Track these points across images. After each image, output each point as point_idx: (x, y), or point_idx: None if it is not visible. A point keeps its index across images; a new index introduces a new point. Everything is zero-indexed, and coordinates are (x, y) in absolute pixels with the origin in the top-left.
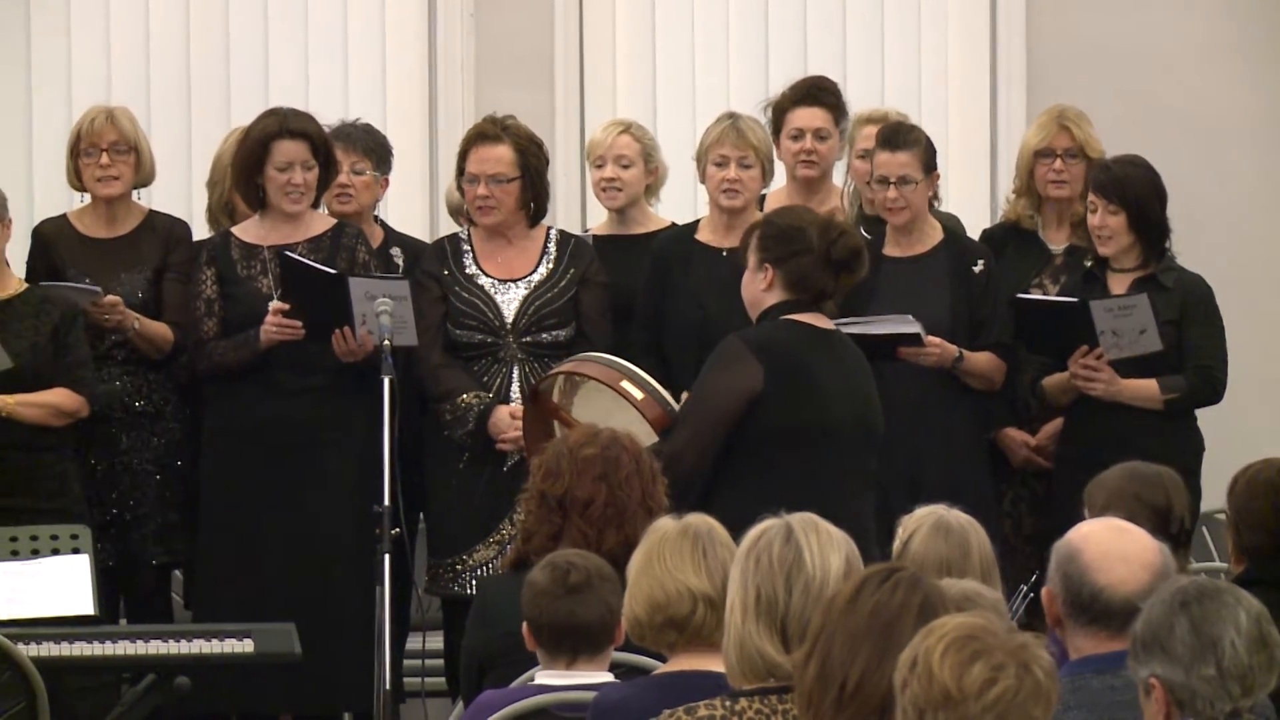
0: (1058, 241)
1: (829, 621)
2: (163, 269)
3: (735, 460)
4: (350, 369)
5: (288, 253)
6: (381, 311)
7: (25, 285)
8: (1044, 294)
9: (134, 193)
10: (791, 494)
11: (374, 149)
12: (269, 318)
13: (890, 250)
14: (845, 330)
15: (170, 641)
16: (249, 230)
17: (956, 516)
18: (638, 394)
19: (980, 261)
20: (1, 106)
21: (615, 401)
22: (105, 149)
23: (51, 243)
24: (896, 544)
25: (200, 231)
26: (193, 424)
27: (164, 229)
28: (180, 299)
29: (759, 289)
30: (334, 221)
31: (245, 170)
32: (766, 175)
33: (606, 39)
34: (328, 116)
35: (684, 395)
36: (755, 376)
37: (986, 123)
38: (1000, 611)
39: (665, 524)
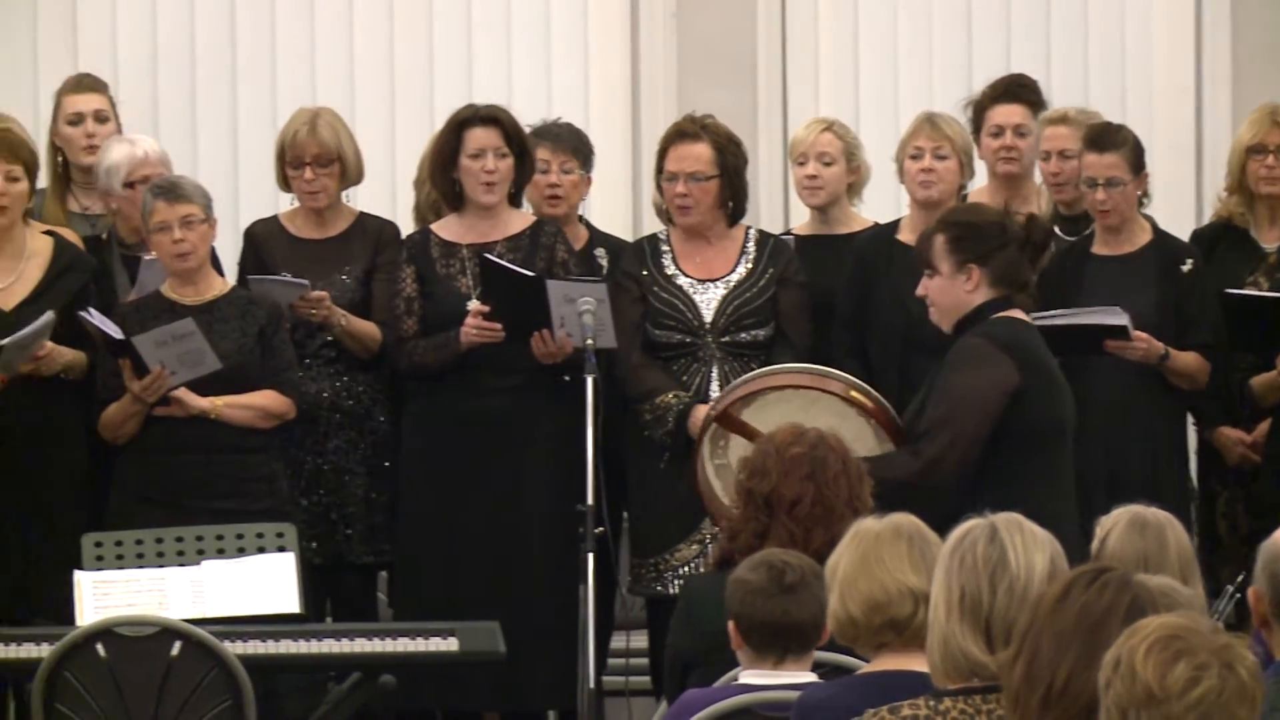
0: (1270, 239)
1: (1037, 621)
2: (372, 269)
3: (986, 461)
4: (549, 368)
5: (487, 254)
6: (584, 311)
7: (231, 286)
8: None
9: (343, 195)
10: (1039, 491)
11: (579, 148)
12: (469, 320)
13: (1099, 249)
14: (1053, 322)
15: (375, 640)
16: (448, 228)
17: (1154, 513)
18: (868, 402)
19: (1189, 261)
20: (210, 106)
21: (804, 409)
22: (309, 163)
23: (262, 244)
24: (1094, 543)
25: (407, 232)
26: (399, 424)
27: (374, 230)
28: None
29: (963, 291)
30: (533, 219)
31: (440, 162)
32: (965, 171)
33: (809, 38)
34: (530, 117)
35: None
36: (1011, 373)
37: (1191, 121)
38: (1198, 609)
39: (871, 524)
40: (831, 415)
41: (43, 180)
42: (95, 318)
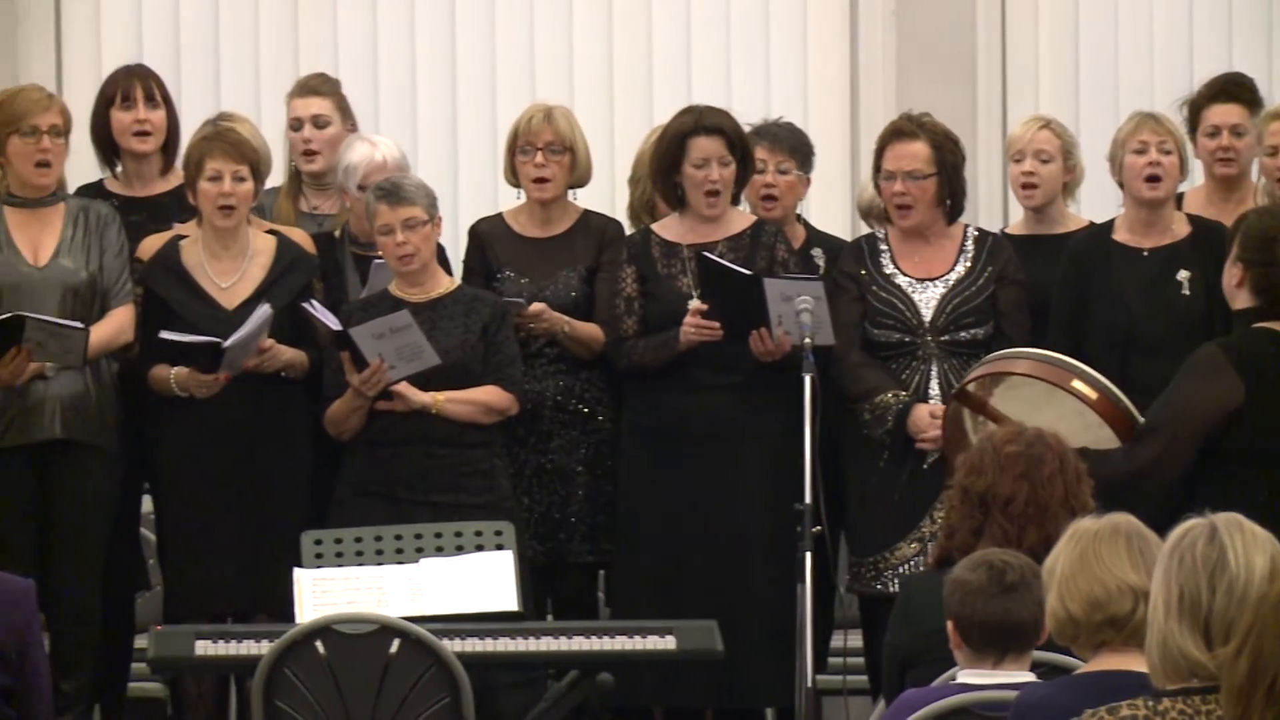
0: None
1: (1259, 619)
2: (596, 267)
3: (1198, 475)
4: (767, 367)
5: (705, 253)
6: (802, 310)
7: (456, 284)
8: None
9: (569, 193)
10: (1255, 509)
11: (798, 148)
12: (688, 319)
13: None
14: None
15: (594, 638)
16: (669, 228)
17: None
18: (1091, 394)
19: None
20: (430, 103)
21: (1047, 396)
22: (541, 148)
23: (487, 242)
24: None
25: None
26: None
27: (598, 228)
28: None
29: (1232, 283)
30: (753, 219)
31: (663, 168)
32: (1183, 169)
33: (1029, 34)
34: (750, 116)
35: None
36: (1235, 391)
37: None
38: None
39: (1089, 523)
40: (1075, 405)
41: (277, 179)
42: (317, 309)
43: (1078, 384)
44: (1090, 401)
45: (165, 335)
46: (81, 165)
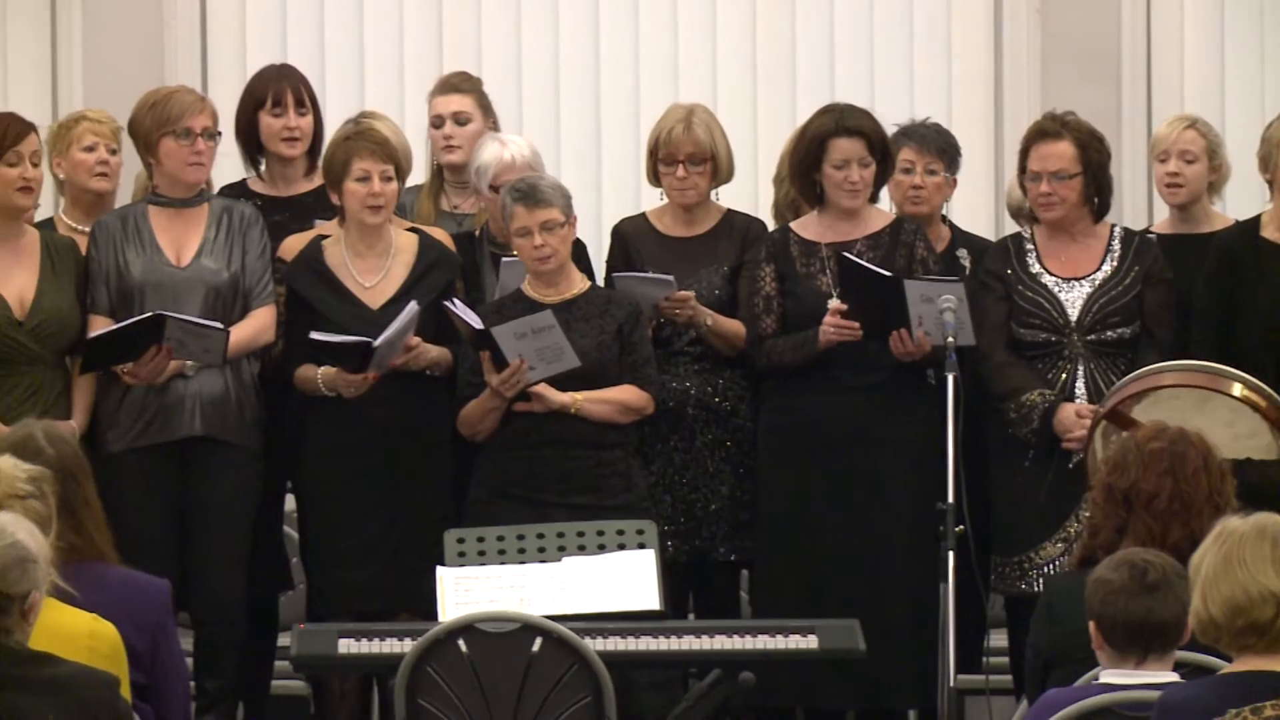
0: None
1: None
2: (738, 267)
3: None
4: (908, 367)
5: (845, 253)
6: (945, 310)
7: (590, 284)
8: None
9: (711, 193)
10: None
11: (945, 149)
12: (828, 318)
13: None
14: None
15: (735, 637)
16: (808, 227)
17: None
18: (1256, 398)
19: None
20: (573, 101)
21: (1196, 408)
22: (682, 161)
23: (631, 241)
24: None
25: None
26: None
27: (741, 227)
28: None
29: None
30: (892, 217)
31: (802, 168)
32: None
33: (1174, 32)
34: (893, 115)
35: None
36: None
37: None
38: None
39: (1236, 524)
40: (1224, 415)
41: (419, 177)
42: (459, 308)
43: (1238, 388)
44: (1252, 404)
45: (315, 336)
46: (224, 165)
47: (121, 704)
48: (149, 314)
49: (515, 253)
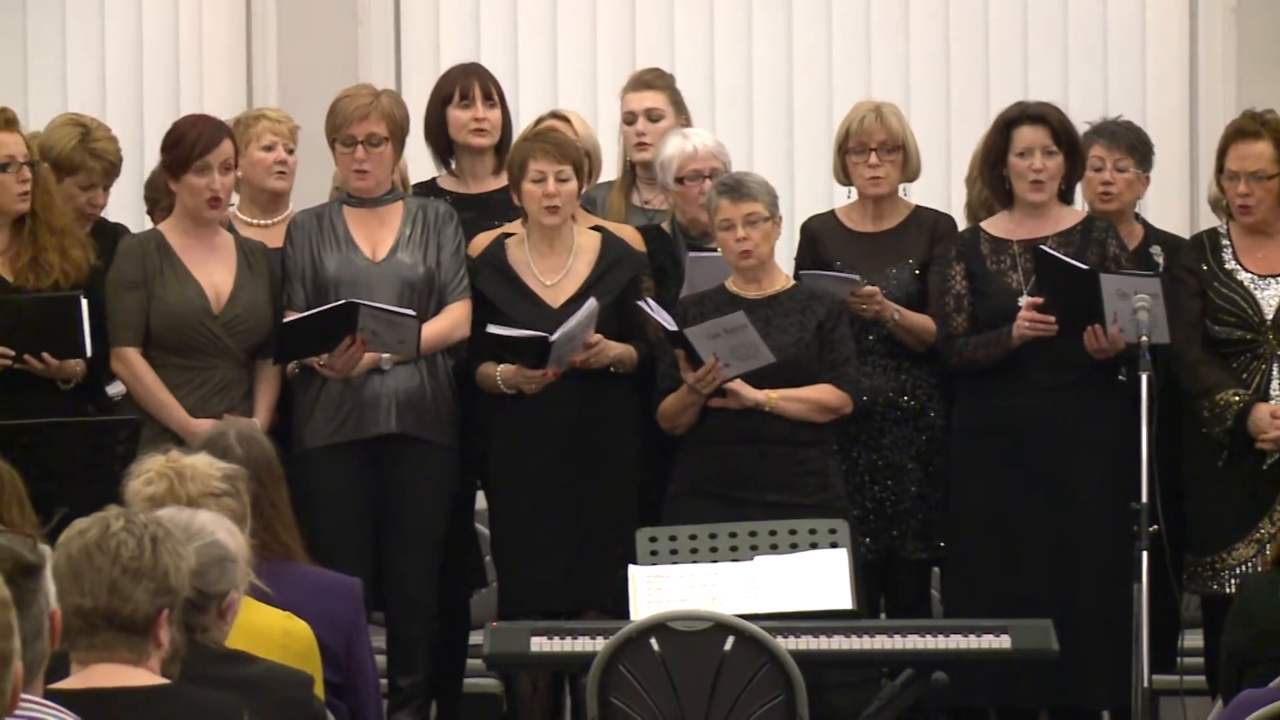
0: None
1: None
2: (928, 262)
3: None
4: (1102, 364)
5: (1043, 247)
6: (1139, 307)
7: (793, 282)
8: None
9: (900, 189)
10: None
11: (1137, 146)
12: (1022, 314)
13: None
14: None
15: (928, 637)
16: (998, 224)
17: None
18: None
19: None
20: (766, 100)
21: None
22: (874, 148)
23: (819, 238)
24: None
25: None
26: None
27: (929, 222)
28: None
29: None
30: (1083, 215)
31: (989, 160)
32: None
33: None
34: (1089, 114)
35: None
36: None
37: None
38: None
39: None
40: None
41: (611, 173)
42: (652, 309)
43: None
44: None
45: (492, 329)
46: (417, 162)
47: (316, 702)
48: (341, 301)
49: (705, 248)
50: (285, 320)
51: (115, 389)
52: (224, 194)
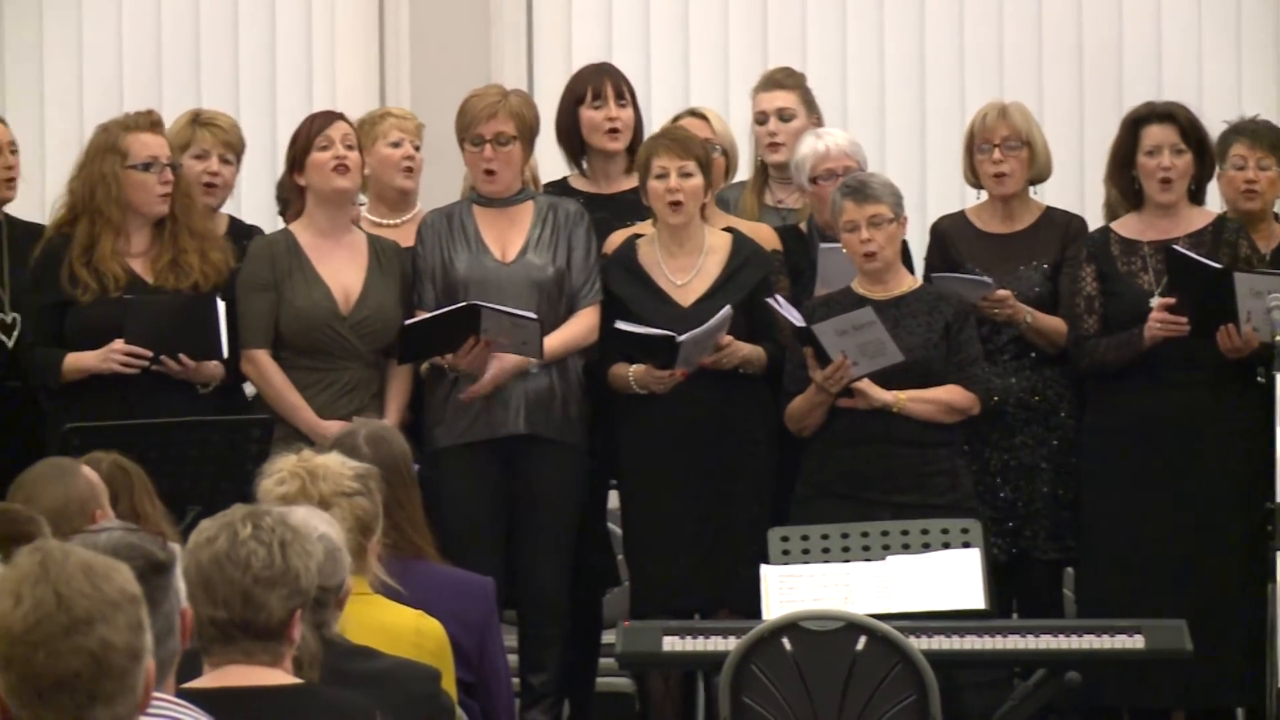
0: None
1: None
2: (1059, 263)
3: None
4: (1235, 364)
5: (1175, 246)
6: (1274, 307)
7: (920, 282)
8: None
9: (1030, 189)
10: None
11: (1278, 144)
12: (1154, 315)
13: None
14: None
15: (1061, 637)
16: (1128, 225)
17: None
18: None
19: None
20: (897, 103)
21: None
22: (998, 144)
23: (949, 239)
24: None
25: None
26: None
27: (1060, 223)
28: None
29: None
30: (1214, 215)
31: (1117, 160)
32: None
33: None
34: (1222, 114)
35: None
36: None
37: None
38: None
39: None
40: None
41: (744, 173)
42: (781, 306)
43: None
44: None
45: (620, 325)
46: (549, 162)
47: (444, 697)
48: (463, 303)
49: (838, 243)
50: (406, 323)
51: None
52: (352, 166)
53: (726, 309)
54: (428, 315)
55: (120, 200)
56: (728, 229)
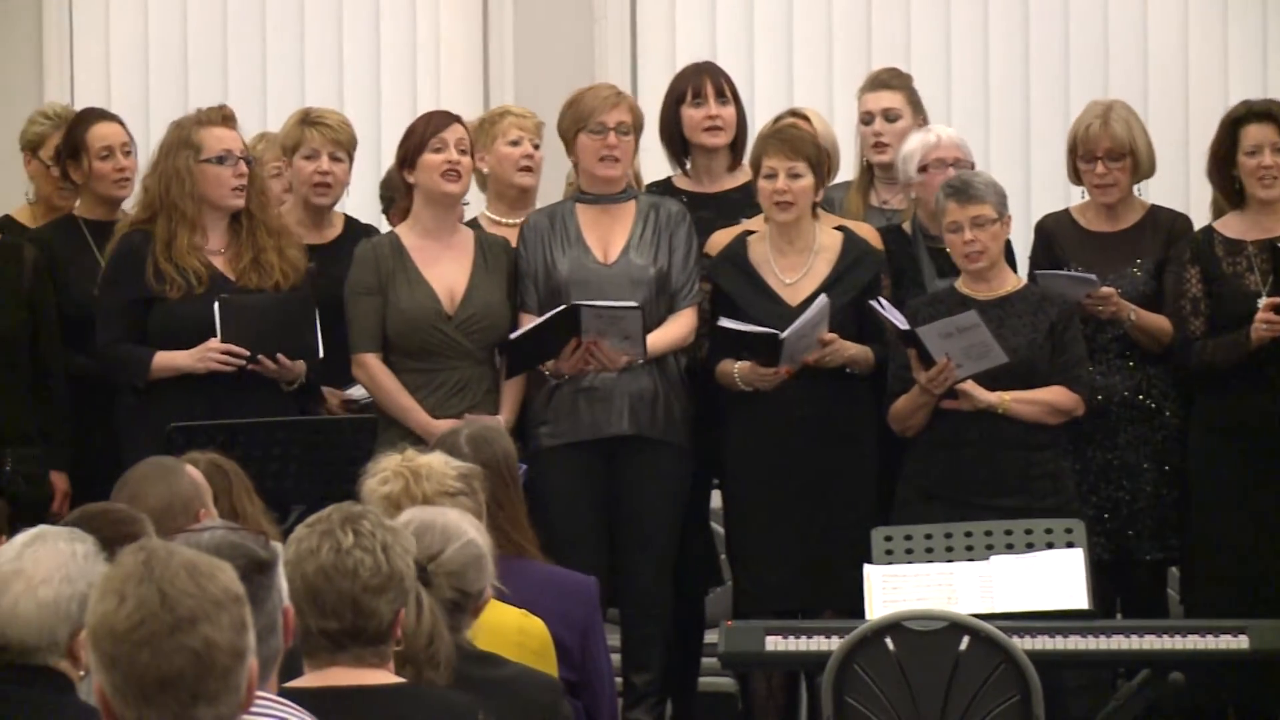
0: None
1: None
2: (1163, 262)
3: None
4: None
5: (1278, 244)
6: None
7: (1023, 282)
8: None
9: (1134, 189)
10: None
11: None
12: (1260, 315)
13: None
14: None
15: (1165, 637)
16: (1231, 225)
17: None
18: None
19: None
20: (1002, 101)
21: None
22: (1100, 157)
23: (1053, 237)
24: None
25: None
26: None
27: (1165, 223)
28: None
29: None
30: None
31: (1217, 160)
32: None
33: None
34: None
35: None
36: None
37: None
38: None
39: None
40: None
41: (848, 173)
42: (885, 308)
43: None
44: None
45: (724, 322)
46: (649, 162)
47: (564, 707)
48: (562, 307)
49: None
50: (510, 338)
51: (358, 392)
52: (463, 171)
53: (822, 299)
54: (529, 326)
55: (195, 195)
56: (839, 227)
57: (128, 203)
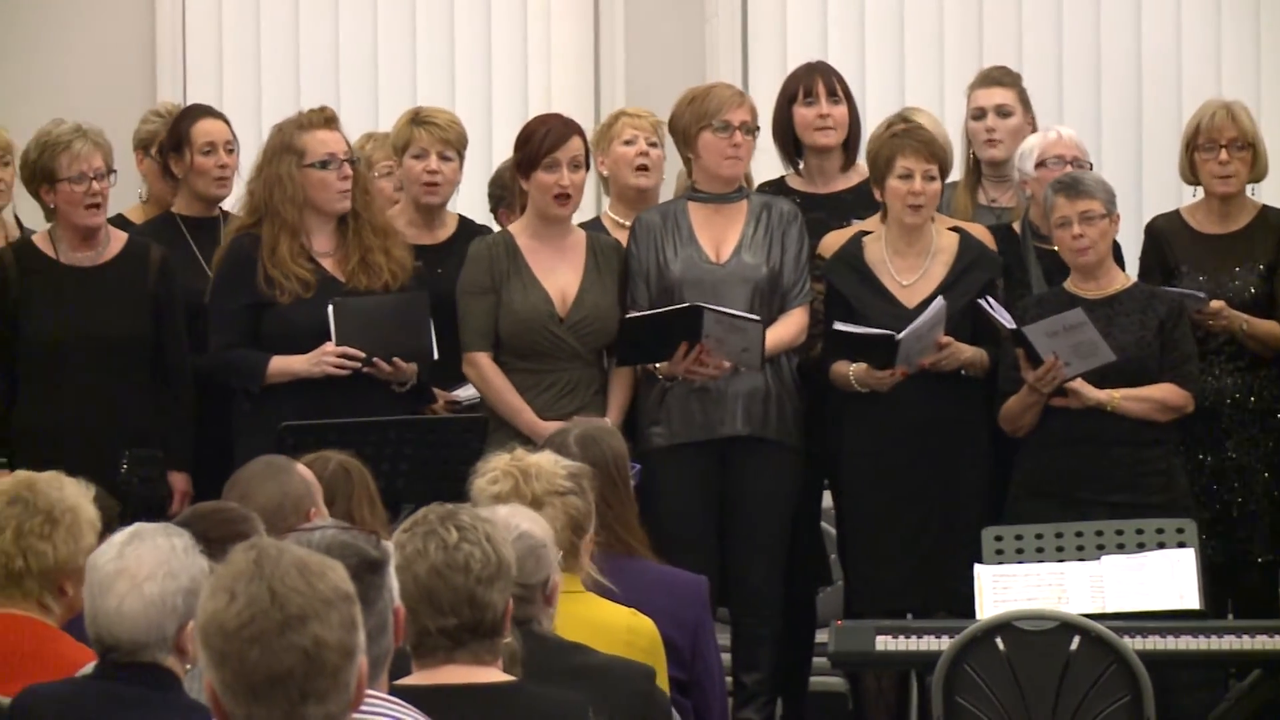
0: None
1: None
2: (1274, 263)
3: None
4: None
5: None
6: None
7: (1132, 281)
8: None
9: (1248, 187)
10: None
11: None
12: None
13: None
14: None
15: (1276, 637)
16: None
17: None
18: None
19: None
20: (1114, 101)
21: None
22: (1224, 145)
23: (1164, 239)
24: None
25: None
26: None
27: (1276, 223)
28: None
29: None
30: None
31: None
32: None
33: None
34: None
35: None
36: None
37: None
38: None
39: None
40: None
41: (956, 173)
42: (993, 308)
43: None
44: None
45: (839, 326)
46: (763, 161)
47: (659, 694)
48: (687, 304)
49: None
50: (628, 316)
51: (468, 393)
52: (574, 191)
53: (939, 301)
54: (650, 311)
55: (297, 200)
56: (954, 228)
57: (227, 202)
